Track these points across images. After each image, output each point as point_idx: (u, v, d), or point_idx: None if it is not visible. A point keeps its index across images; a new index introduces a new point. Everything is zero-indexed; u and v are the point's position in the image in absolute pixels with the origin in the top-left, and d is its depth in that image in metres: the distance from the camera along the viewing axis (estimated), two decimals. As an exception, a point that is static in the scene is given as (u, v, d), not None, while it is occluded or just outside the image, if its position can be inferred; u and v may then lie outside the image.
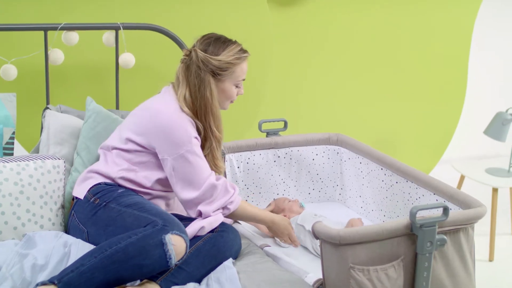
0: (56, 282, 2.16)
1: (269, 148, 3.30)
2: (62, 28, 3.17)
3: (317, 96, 4.13)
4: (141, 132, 2.62)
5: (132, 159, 2.64)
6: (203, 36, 2.73)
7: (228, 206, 2.65)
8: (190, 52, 2.69)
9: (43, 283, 2.16)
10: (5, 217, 2.55)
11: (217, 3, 3.72)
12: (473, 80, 4.59)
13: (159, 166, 2.64)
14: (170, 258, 2.28)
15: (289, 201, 3.13)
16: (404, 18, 4.22)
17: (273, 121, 3.37)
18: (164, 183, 2.67)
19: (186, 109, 2.64)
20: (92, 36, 3.34)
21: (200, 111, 2.66)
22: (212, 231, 2.57)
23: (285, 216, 3.04)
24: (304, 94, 4.09)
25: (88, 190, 2.61)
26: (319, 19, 4.00)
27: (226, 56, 2.67)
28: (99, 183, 2.61)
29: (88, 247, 2.47)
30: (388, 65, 4.26)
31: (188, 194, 2.59)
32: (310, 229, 2.85)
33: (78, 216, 2.59)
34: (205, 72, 2.65)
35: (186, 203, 2.61)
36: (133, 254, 2.24)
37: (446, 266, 2.41)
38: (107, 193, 2.56)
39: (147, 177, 2.64)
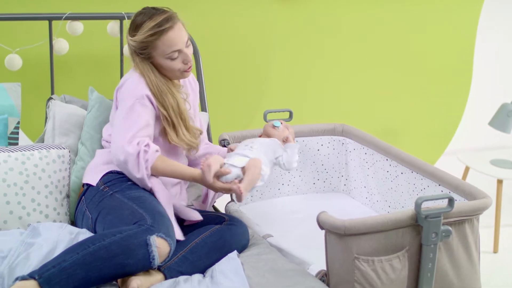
0: (36, 277, 2.10)
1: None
2: (67, 18, 3.16)
3: (323, 86, 4.12)
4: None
5: None
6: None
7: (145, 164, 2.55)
8: None
9: (23, 278, 2.10)
10: (10, 207, 2.55)
11: (222, -6, 3.72)
12: (478, 71, 4.57)
13: None
14: (153, 259, 2.24)
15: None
16: (411, 10, 4.21)
17: (278, 112, 3.35)
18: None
19: (138, 70, 2.65)
20: (97, 26, 3.34)
21: None
22: (220, 223, 2.57)
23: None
24: (310, 85, 4.09)
25: (101, 178, 2.60)
26: (325, 9, 3.99)
27: (139, 36, 2.58)
28: (111, 171, 2.61)
29: None
30: (394, 57, 4.25)
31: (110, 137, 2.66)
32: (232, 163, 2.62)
33: (86, 202, 2.59)
34: (132, 52, 2.64)
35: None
36: (116, 253, 2.19)
37: (451, 258, 2.41)
38: (117, 183, 2.56)
39: None
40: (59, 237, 2.42)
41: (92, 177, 2.65)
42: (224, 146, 3.14)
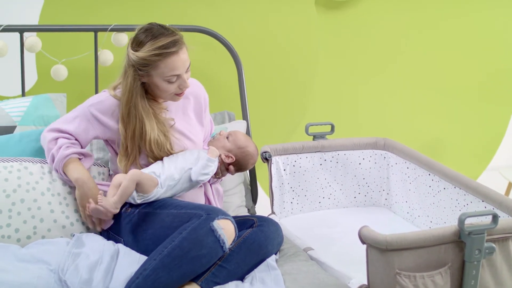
0: None
1: (315, 152, 3.29)
2: (112, 30, 3.20)
3: (364, 100, 4.11)
4: None
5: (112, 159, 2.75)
6: (145, 24, 2.61)
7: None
8: None
9: None
10: (54, 215, 2.59)
11: (265, 6, 3.73)
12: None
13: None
14: (224, 243, 2.32)
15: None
16: (452, 24, 4.18)
17: (320, 125, 3.35)
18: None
19: (112, 92, 2.66)
20: (141, 37, 3.37)
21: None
22: (251, 226, 2.58)
23: None
24: (351, 98, 4.08)
25: None
26: (367, 22, 3.98)
27: (144, 52, 2.52)
28: None
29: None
30: (436, 70, 4.22)
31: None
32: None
33: (110, 227, 2.62)
34: (129, 64, 2.57)
35: None
36: (189, 248, 2.27)
37: (494, 275, 2.37)
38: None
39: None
40: (104, 246, 2.46)
41: None
42: (266, 159, 3.15)
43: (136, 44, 2.55)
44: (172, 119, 2.71)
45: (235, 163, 2.77)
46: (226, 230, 2.34)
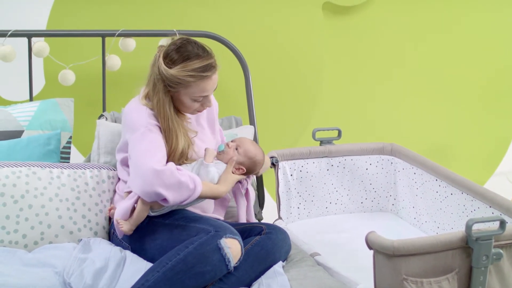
0: None
1: (322, 157, 3.29)
2: (120, 35, 3.21)
3: (371, 105, 4.10)
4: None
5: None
6: (178, 39, 2.57)
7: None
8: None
9: None
10: (62, 221, 2.59)
11: (271, 11, 3.73)
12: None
13: None
14: (229, 261, 2.31)
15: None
16: (459, 28, 4.18)
17: (327, 130, 3.35)
18: None
19: (144, 101, 2.60)
20: (149, 42, 3.37)
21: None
22: (259, 233, 2.57)
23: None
24: (358, 103, 4.07)
25: None
26: (373, 28, 3.99)
27: (178, 71, 2.49)
28: None
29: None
30: (443, 75, 4.22)
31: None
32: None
33: (119, 233, 2.60)
34: (158, 78, 2.54)
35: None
36: (193, 263, 2.26)
37: (502, 281, 2.37)
38: None
39: None
40: (110, 253, 2.46)
41: None
42: (273, 164, 3.15)
43: (170, 60, 2.51)
44: (195, 131, 2.69)
45: (244, 172, 2.75)
46: (233, 250, 2.33)
